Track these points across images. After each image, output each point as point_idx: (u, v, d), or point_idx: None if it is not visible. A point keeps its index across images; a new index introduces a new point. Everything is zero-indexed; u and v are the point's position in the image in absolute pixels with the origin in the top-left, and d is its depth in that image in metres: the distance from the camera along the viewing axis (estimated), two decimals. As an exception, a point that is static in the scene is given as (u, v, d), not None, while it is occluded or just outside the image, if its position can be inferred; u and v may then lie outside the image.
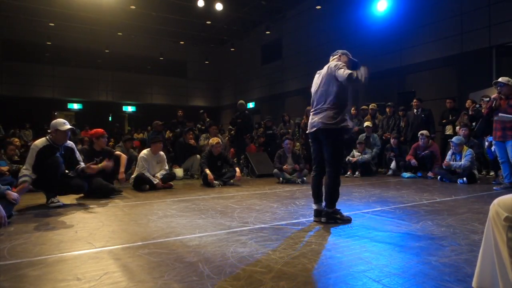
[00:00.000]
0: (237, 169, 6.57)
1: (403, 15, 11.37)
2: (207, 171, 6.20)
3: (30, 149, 4.24)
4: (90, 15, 16.04)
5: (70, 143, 4.58)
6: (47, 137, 4.40)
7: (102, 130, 5.52)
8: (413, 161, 7.15)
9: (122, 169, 5.44)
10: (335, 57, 3.57)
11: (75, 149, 4.65)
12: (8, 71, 18.05)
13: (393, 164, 7.82)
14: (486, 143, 6.77)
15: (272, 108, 17.37)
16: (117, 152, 5.62)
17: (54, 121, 4.40)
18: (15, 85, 18.31)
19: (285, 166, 6.74)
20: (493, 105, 5.33)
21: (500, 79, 5.33)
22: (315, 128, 3.27)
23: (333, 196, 3.21)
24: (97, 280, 1.87)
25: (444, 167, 6.51)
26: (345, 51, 3.61)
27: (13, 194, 3.40)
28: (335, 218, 3.20)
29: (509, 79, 5.29)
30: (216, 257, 2.23)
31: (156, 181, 5.79)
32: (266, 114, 15.06)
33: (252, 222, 3.26)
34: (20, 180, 4.04)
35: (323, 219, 3.22)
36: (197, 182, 6.92)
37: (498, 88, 5.32)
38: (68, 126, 4.36)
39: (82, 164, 4.63)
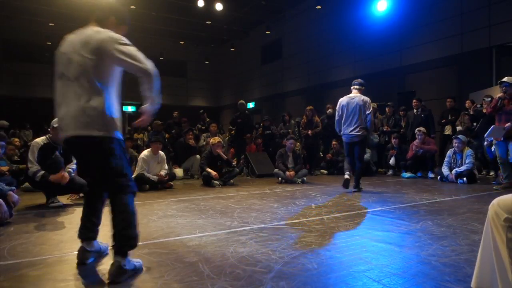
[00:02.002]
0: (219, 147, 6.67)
1: (403, 15, 11.37)
2: (208, 169, 6.22)
3: (31, 146, 4.27)
4: (90, 15, 16.02)
5: None
6: (47, 135, 4.42)
7: None
8: (420, 151, 7.17)
9: None
10: (359, 87, 5.49)
11: None
12: (8, 71, 18.03)
13: (392, 160, 7.80)
14: (486, 143, 6.77)
15: (272, 108, 17.37)
16: None
17: (54, 119, 4.44)
18: (15, 85, 18.30)
19: (290, 173, 6.69)
20: (498, 104, 5.32)
21: (505, 79, 5.29)
22: (352, 137, 5.32)
23: (360, 176, 5.39)
24: (97, 280, 1.86)
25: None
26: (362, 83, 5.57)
27: (14, 196, 3.43)
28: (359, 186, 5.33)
29: None
30: (216, 257, 2.23)
31: (155, 178, 5.79)
32: (266, 114, 15.07)
33: (252, 222, 3.26)
34: (38, 174, 4.11)
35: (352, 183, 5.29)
36: (197, 182, 6.92)
37: (503, 88, 5.28)
38: None
39: (75, 165, 4.59)
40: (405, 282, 1.82)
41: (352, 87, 5.50)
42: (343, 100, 5.43)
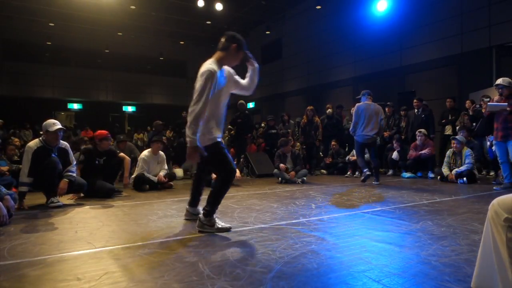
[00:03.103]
0: (237, 170, 6.58)
1: (403, 15, 11.37)
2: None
3: (25, 152, 4.21)
4: (90, 15, 16.04)
5: (63, 143, 4.54)
6: (40, 138, 4.36)
7: (106, 132, 5.33)
8: (424, 152, 7.20)
9: (126, 173, 5.30)
10: (370, 96, 6.55)
11: (69, 149, 4.60)
12: (8, 71, 18.03)
13: (395, 154, 7.72)
14: (488, 143, 6.77)
15: (272, 108, 17.36)
16: (121, 154, 5.47)
17: (45, 122, 4.36)
18: (15, 85, 18.30)
19: (282, 165, 6.71)
20: None
21: (499, 81, 5.32)
22: (368, 138, 6.27)
23: (379, 170, 6.53)
24: (97, 280, 1.86)
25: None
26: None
27: (10, 201, 3.41)
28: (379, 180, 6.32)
29: (510, 80, 5.29)
30: (216, 257, 2.23)
31: (155, 178, 5.79)
32: (266, 114, 15.05)
33: (252, 222, 3.26)
34: (20, 189, 4.12)
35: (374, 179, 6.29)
36: (197, 182, 6.90)
37: (499, 90, 5.32)
38: (58, 127, 4.30)
39: (74, 167, 4.60)
40: (405, 282, 1.82)
41: (362, 96, 6.50)
42: (361, 106, 6.35)
